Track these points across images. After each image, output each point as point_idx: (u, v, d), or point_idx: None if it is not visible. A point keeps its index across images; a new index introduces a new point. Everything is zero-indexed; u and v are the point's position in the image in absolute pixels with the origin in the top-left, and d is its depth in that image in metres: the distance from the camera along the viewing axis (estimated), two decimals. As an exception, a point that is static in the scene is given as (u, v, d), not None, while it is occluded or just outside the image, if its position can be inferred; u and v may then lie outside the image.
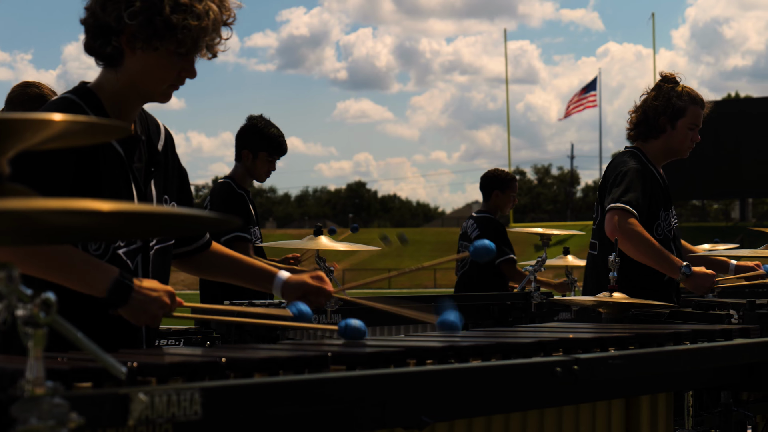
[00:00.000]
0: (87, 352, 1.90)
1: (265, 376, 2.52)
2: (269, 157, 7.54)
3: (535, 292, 7.79)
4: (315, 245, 6.29)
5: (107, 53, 3.31)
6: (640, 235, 5.62)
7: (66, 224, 1.88)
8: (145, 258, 3.41)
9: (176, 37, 3.23)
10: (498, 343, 3.01)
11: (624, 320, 4.67)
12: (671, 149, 6.11)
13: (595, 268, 6.01)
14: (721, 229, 66.98)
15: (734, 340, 3.57)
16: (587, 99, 63.33)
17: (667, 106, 6.05)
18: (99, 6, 3.25)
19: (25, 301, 1.79)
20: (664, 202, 6.00)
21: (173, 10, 3.21)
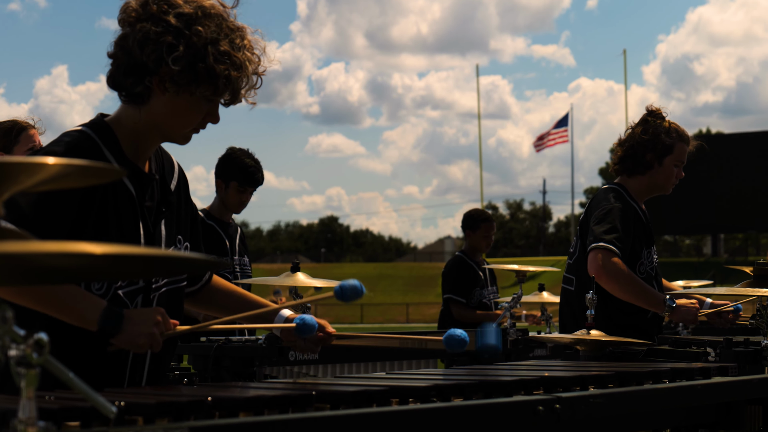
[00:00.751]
0: (78, 391, 1.91)
1: (251, 415, 2.54)
2: (240, 188, 7.49)
3: (511, 329, 7.82)
4: (292, 281, 6.29)
5: (137, 92, 3.28)
6: (624, 274, 5.64)
7: (60, 266, 1.90)
8: (145, 299, 3.39)
9: (215, 84, 3.23)
10: (480, 381, 3.03)
11: (601, 358, 4.70)
12: (656, 185, 6.12)
13: (572, 304, 6.02)
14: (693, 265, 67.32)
15: (712, 379, 3.60)
16: (559, 134, 63.62)
17: (656, 143, 6.05)
18: (137, 44, 3.21)
19: (18, 341, 1.81)
20: (646, 239, 6.02)
21: (216, 59, 3.20)
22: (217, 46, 3.19)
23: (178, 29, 3.18)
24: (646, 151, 6.04)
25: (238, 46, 3.24)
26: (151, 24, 3.19)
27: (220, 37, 3.21)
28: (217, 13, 3.25)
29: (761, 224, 64.75)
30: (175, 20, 3.18)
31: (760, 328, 4.44)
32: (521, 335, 7.95)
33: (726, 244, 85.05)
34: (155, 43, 3.18)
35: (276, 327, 3.62)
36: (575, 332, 4.80)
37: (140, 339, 3.11)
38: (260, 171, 7.60)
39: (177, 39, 3.18)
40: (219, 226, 7.57)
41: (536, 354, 8.23)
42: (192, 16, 3.20)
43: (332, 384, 2.96)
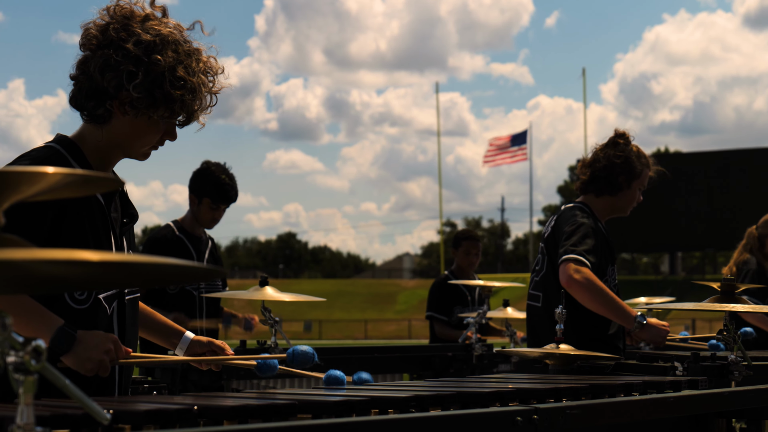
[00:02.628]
0: (73, 398, 1.93)
1: (235, 423, 2.57)
2: (212, 204, 7.46)
3: (477, 344, 7.88)
4: (260, 296, 6.30)
5: (98, 113, 3.41)
6: (596, 285, 5.70)
7: (55, 274, 1.92)
8: (120, 303, 3.50)
9: (172, 108, 3.37)
10: (458, 392, 3.08)
11: (570, 372, 4.75)
12: (619, 207, 6.23)
13: (540, 319, 6.08)
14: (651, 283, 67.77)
15: (684, 392, 3.66)
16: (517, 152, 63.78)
17: (631, 166, 6.15)
18: (98, 70, 3.35)
19: (16, 348, 1.83)
20: (610, 257, 6.10)
21: (172, 84, 3.34)
22: (173, 73, 3.34)
23: (138, 57, 3.32)
24: (620, 173, 6.15)
25: (193, 71, 3.39)
26: (111, 51, 3.33)
27: (176, 63, 3.35)
28: (174, 40, 3.38)
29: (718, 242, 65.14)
30: (134, 48, 3.32)
31: (727, 343, 4.51)
32: (486, 350, 8.01)
33: (683, 262, 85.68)
34: (115, 71, 3.33)
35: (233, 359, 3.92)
36: (544, 346, 4.84)
37: (88, 364, 3.22)
38: (235, 188, 7.57)
39: (136, 67, 3.32)
40: (188, 239, 7.55)
41: (500, 369, 8.29)
42: (150, 45, 3.34)
43: (314, 394, 3.00)
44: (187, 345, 3.89)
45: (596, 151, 6.28)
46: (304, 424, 2.65)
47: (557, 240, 5.98)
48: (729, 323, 4.50)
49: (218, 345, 3.90)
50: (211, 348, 3.89)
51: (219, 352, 3.88)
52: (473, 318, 7.95)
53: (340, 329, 65.35)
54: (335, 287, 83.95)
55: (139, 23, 3.36)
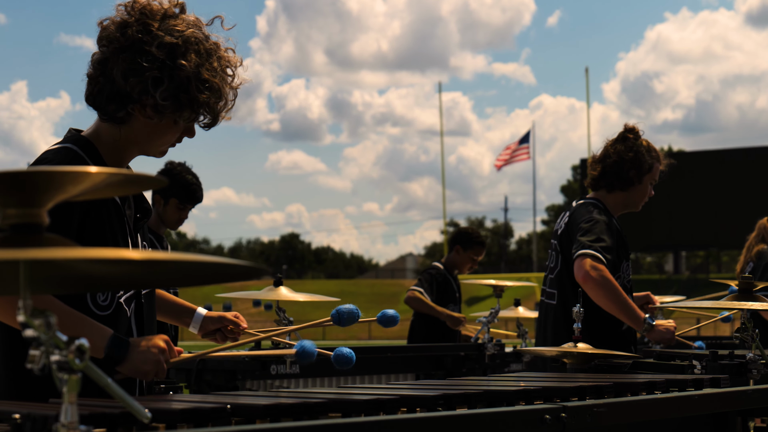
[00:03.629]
0: (116, 397, 1.94)
1: (267, 422, 2.58)
2: (180, 205, 7.39)
3: (489, 343, 7.89)
4: (275, 296, 6.32)
5: (118, 116, 3.35)
6: (610, 283, 5.71)
7: (94, 273, 1.94)
8: (138, 304, 3.49)
9: (197, 111, 3.34)
10: (485, 391, 3.09)
11: (588, 370, 4.76)
12: (631, 202, 6.24)
13: (555, 317, 6.08)
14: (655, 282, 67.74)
15: (707, 390, 3.67)
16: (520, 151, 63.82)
17: (641, 161, 6.17)
18: (120, 75, 3.27)
19: (60, 347, 1.84)
20: (625, 253, 6.12)
21: (198, 88, 3.29)
22: (198, 76, 3.29)
23: (163, 62, 3.26)
24: (630, 168, 6.16)
25: (215, 70, 3.34)
26: (134, 55, 3.26)
27: (199, 65, 3.30)
28: (196, 39, 3.32)
29: (722, 242, 65.13)
30: (158, 51, 3.25)
31: (745, 341, 4.51)
32: (498, 349, 8.02)
33: (687, 261, 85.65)
34: (140, 76, 3.26)
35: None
36: (562, 345, 4.86)
37: (146, 366, 3.22)
38: (201, 188, 7.53)
39: (162, 72, 3.26)
40: (156, 239, 7.53)
41: (512, 368, 8.31)
42: (174, 47, 3.27)
43: (345, 393, 3.01)
44: (200, 322, 3.93)
45: (606, 146, 6.30)
46: (335, 423, 2.66)
47: (572, 236, 5.98)
48: (747, 321, 4.50)
49: (230, 319, 3.95)
50: (223, 323, 3.94)
51: (233, 327, 3.95)
52: (485, 317, 7.96)
53: (343, 329, 65.28)
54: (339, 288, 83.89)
55: (159, 22, 3.29)
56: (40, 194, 1.83)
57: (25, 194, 1.82)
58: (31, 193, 1.82)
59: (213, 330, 3.95)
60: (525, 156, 64.37)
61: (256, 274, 1.89)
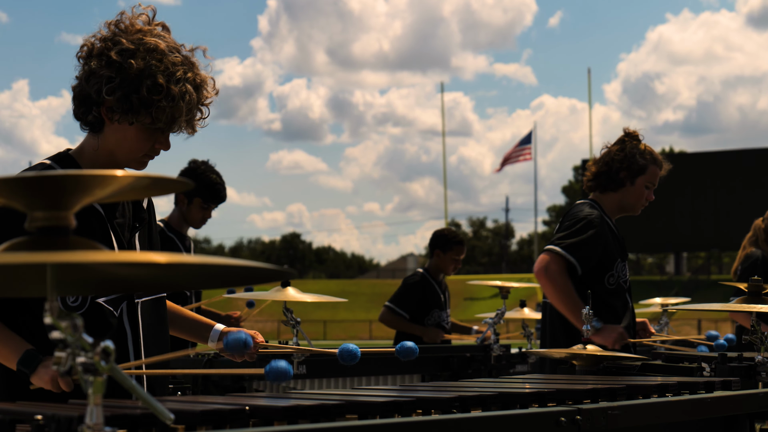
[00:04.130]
0: (139, 398, 1.95)
1: (285, 424, 2.59)
2: (204, 204, 7.41)
3: (495, 344, 7.88)
4: (282, 296, 6.32)
5: (89, 121, 3.52)
6: (561, 281, 5.85)
7: (120, 275, 1.95)
8: (130, 305, 3.55)
9: (150, 114, 3.43)
10: (499, 393, 3.10)
11: (597, 372, 4.77)
12: (626, 204, 6.31)
13: (551, 318, 6.19)
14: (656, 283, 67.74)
15: (718, 392, 3.68)
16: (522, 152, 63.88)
17: (630, 162, 6.23)
18: (84, 78, 3.46)
19: (86, 349, 1.85)
20: (620, 252, 6.18)
21: (149, 90, 3.40)
22: (153, 79, 3.40)
23: (117, 63, 3.41)
24: (620, 169, 6.25)
25: (176, 79, 3.43)
26: (95, 60, 3.44)
27: (156, 71, 3.40)
28: (159, 49, 3.44)
29: (723, 243, 65.17)
30: (116, 55, 3.41)
31: (754, 343, 4.52)
32: (504, 351, 8.02)
33: (689, 262, 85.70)
34: (97, 76, 3.43)
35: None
36: (572, 347, 4.86)
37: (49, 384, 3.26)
38: (225, 188, 7.56)
39: (114, 71, 3.41)
40: (178, 239, 7.54)
41: (517, 370, 8.31)
42: (131, 51, 3.42)
43: (362, 395, 3.02)
44: (218, 337, 3.92)
45: (603, 149, 6.39)
46: (352, 425, 2.67)
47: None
48: (756, 324, 4.51)
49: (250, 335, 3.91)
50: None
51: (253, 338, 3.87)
52: (491, 318, 7.95)
53: (344, 329, 65.37)
54: (340, 287, 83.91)
55: (129, 34, 3.46)
56: (67, 197, 1.84)
57: (52, 197, 1.83)
58: (57, 197, 1.84)
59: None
60: (527, 156, 64.43)
61: (280, 276, 1.90)
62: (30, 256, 1.74)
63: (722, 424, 3.69)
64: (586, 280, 5.99)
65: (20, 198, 1.84)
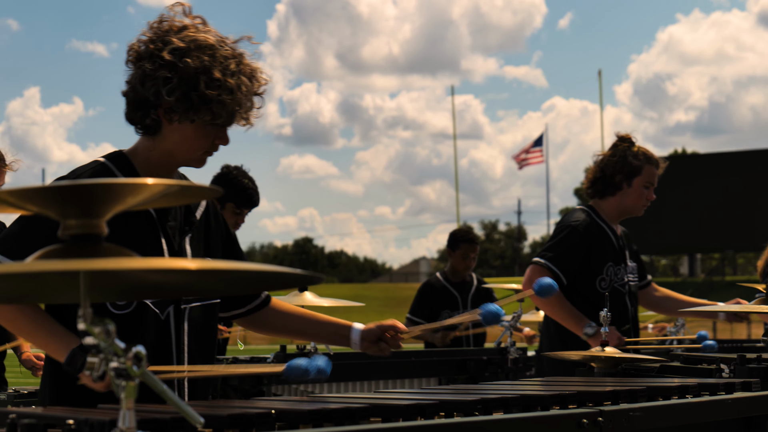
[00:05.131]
0: (170, 402, 1.98)
1: (310, 427, 2.62)
2: (236, 209, 7.40)
3: (512, 347, 7.89)
4: (300, 301, 6.36)
5: (147, 124, 3.50)
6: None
7: (153, 281, 1.98)
8: (177, 309, 3.53)
9: (211, 110, 3.42)
10: (521, 395, 3.12)
11: (615, 374, 4.78)
12: (627, 207, 6.36)
13: (546, 322, 6.29)
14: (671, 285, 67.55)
15: (738, 393, 3.70)
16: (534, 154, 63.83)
17: (624, 165, 6.29)
18: (139, 81, 3.44)
19: (119, 354, 1.88)
20: (613, 257, 6.22)
21: (208, 85, 3.39)
22: (209, 74, 3.40)
23: (172, 63, 3.40)
24: (615, 173, 6.31)
25: (231, 72, 3.44)
26: (148, 62, 3.43)
27: (211, 65, 3.41)
28: (209, 44, 3.45)
29: (737, 243, 65.01)
30: (169, 55, 3.41)
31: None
32: (521, 353, 8.03)
33: (703, 263, 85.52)
34: (153, 78, 3.42)
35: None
36: (590, 349, 4.88)
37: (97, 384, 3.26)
38: (257, 192, 7.53)
39: (171, 72, 3.40)
40: None
41: (534, 373, 8.32)
42: (183, 50, 3.41)
43: (386, 398, 3.04)
44: (359, 336, 3.85)
45: (599, 155, 6.44)
46: (377, 428, 2.71)
47: None
48: (774, 325, 4.54)
49: (388, 326, 3.84)
50: (382, 332, 3.83)
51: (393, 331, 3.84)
52: (508, 321, 7.96)
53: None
54: (352, 292, 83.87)
55: (176, 32, 3.46)
56: (99, 205, 1.87)
57: (84, 205, 1.87)
58: (90, 204, 1.87)
59: (375, 341, 3.85)
60: (539, 159, 64.39)
61: (310, 281, 1.93)
62: (63, 264, 1.76)
63: (742, 425, 3.71)
64: (576, 285, 6.14)
65: (53, 206, 1.87)
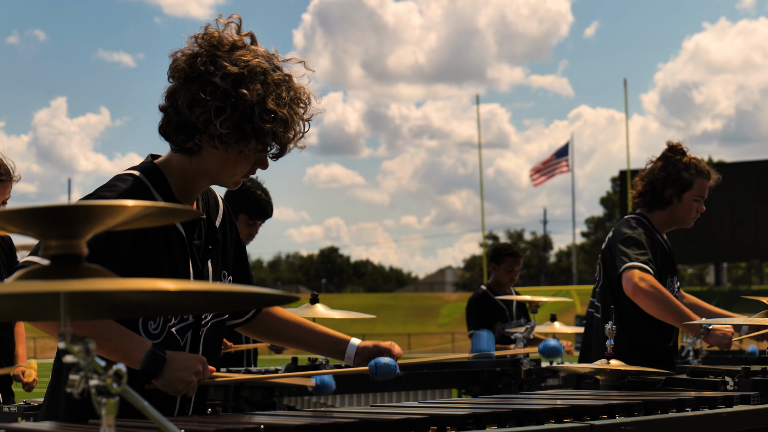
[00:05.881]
0: (152, 419, 2.02)
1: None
2: (249, 221, 7.41)
3: (524, 359, 7.92)
4: (311, 313, 6.39)
5: (187, 147, 3.40)
6: (662, 293, 5.76)
7: (138, 301, 2.02)
8: (195, 334, 3.54)
9: (263, 142, 3.35)
10: (514, 409, 3.14)
11: (621, 387, 4.80)
12: (676, 219, 6.27)
13: (598, 330, 6.13)
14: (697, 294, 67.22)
15: (736, 407, 3.71)
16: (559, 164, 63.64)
17: (675, 179, 6.18)
18: (186, 105, 3.32)
19: (99, 372, 1.92)
20: (669, 268, 6.16)
21: (262, 117, 3.29)
22: (263, 106, 3.29)
23: (225, 92, 3.28)
24: (666, 187, 6.19)
25: (283, 102, 3.34)
26: (198, 85, 3.30)
27: (265, 95, 3.30)
28: (263, 70, 3.33)
29: (764, 253, 64.75)
30: (222, 82, 3.28)
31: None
32: (534, 365, 8.06)
33: (729, 273, 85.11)
34: (203, 105, 3.29)
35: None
36: (595, 362, 4.90)
37: (179, 385, 3.28)
38: (271, 204, 7.53)
39: (224, 101, 3.28)
40: None
41: (548, 384, 8.34)
42: (238, 78, 3.29)
43: (375, 413, 3.07)
44: (354, 352, 3.83)
45: (647, 164, 6.34)
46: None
47: (613, 252, 6.05)
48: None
49: (385, 347, 3.81)
50: (378, 349, 3.80)
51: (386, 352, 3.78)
52: (521, 333, 7.99)
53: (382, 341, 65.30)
54: (378, 301, 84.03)
55: (227, 53, 3.33)
56: (79, 226, 1.91)
57: (64, 227, 1.90)
58: (70, 226, 1.90)
59: (369, 358, 3.79)
60: (564, 168, 64.20)
61: (286, 300, 1.96)
62: (43, 285, 1.80)
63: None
64: None
65: (34, 228, 1.91)
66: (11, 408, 5.25)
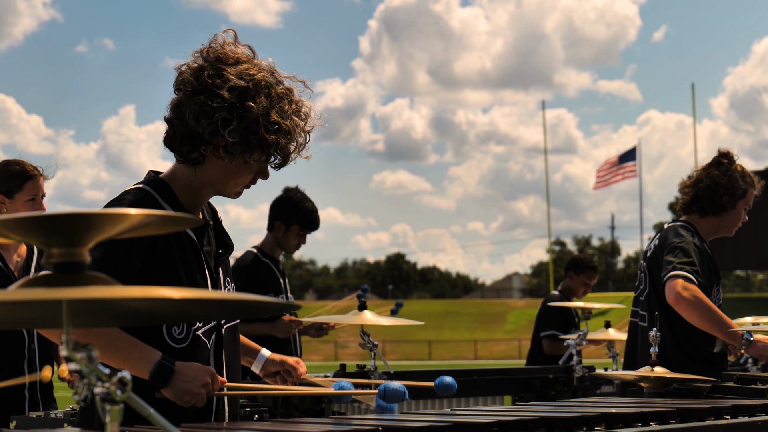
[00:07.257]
0: (158, 426, 2.02)
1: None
2: (300, 231, 7.66)
3: (577, 366, 7.88)
4: (359, 320, 6.38)
5: (192, 157, 3.49)
6: (705, 303, 5.70)
7: (142, 309, 2.03)
8: (218, 336, 3.59)
9: (267, 152, 3.44)
10: (542, 417, 3.12)
11: (665, 395, 4.75)
12: (724, 227, 6.22)
13: (644, 338, 6.08)
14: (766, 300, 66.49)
15: (773, 415, 3.66)
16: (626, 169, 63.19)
17: (735, 187, 6.14)
18: (192, 116, 3.42)
19: (103, 379, 1.92)
20: (715, 277, 6.09)
21: (266, 129, 3.39)
22: (267, 118, 3.39)
23: (232, 104, 3.38)
24: (724, 194, 6.13)
25: (286, 114, 3.44)
26: (205, 98, 3.40)
27: (269, 108, 3.40)
28: (267, 83, 3.44)
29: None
30: (229, 94, 3.38)
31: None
32: (587, 372, 8.00)
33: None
34: (210, 117, 3.39)
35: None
36: (639, 369, 4.85)
37: (186, 396, 3.33)
38: (318, 215, 7.79)
39: (230, 113, 3.38)
40: (273, 264, 7.72)
41: (603, 391, 8.28)
42: (243, 90, 3.39)
43: (397, 420, 3.07)
44: (262, 363, 3.96)
45: (700, 170, 6.27)
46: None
47: (660, 259, 5.99)
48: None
49: (290, 364, 3.94)
50: (283, 366, 3.94)
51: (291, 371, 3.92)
52: (573, 340, 7.94)
53: (449, 349, 65.33)
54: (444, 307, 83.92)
55: (232, 66, 3.43)
56: (81, 235, 1.92)
57: (67, 235, 1.92)
58: (72, 234, 1.92)
59: (273, 372, 3.96)
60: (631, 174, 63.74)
61: (287, 309, 1.96)
62: (45, 293, 1.82)
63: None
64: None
65: (36, 236, 1.93)
66: (58, 414, 5.30)
